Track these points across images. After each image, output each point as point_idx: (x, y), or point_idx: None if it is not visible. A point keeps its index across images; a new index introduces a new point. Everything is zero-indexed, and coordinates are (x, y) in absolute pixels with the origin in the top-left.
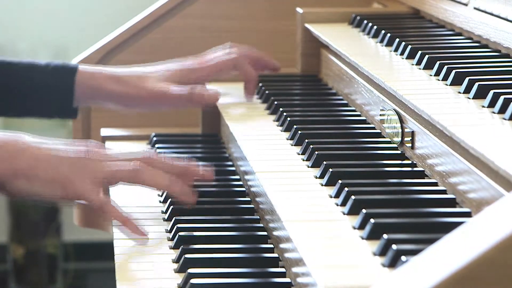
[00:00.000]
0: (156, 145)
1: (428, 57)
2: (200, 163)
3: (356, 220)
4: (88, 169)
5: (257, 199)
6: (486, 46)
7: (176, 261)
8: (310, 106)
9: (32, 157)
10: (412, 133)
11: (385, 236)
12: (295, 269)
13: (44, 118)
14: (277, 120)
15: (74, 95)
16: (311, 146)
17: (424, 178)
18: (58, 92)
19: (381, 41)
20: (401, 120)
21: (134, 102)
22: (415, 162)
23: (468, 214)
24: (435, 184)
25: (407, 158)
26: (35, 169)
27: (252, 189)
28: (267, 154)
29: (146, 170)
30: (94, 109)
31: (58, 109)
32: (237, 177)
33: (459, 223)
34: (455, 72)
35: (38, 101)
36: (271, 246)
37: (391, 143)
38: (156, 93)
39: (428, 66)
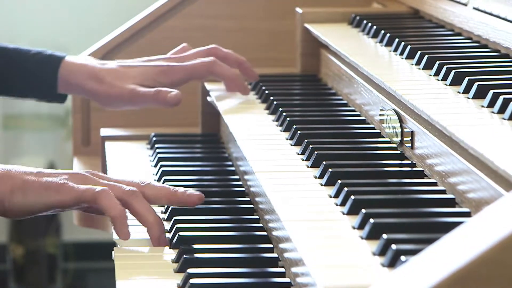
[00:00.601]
0: (156, 145)
1: (428, 57)
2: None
3: (356, 220)
4: (80, 177)
5: (257, 199)
6: (485, 46)
7: (176, 261)
8: (310, 106)
9: (25, 174)
10: (412, 133)
11: (384, 236)
12: (294, 269)
13: (35, 100)
14: (277, 120)
15: (57, 84)
16: (310, 146)
17: (423, 178)
18: (44, 80)
19: (381, 41)
20: (401, 120)
21: (106, 101)
22: (414, 162)
23: (467, 214)
24: (435, 184)
25: (406, 158)
26: (29, 182)
27: (251, 189)
28: (267, 154)
29: (137, 199)
30: (94, 109)
31: (45, 94)
32: (237, 177)
33: (459, 223)
34: (455, 72)
35: (27, 85)
36: (271, 246)
37: (391, 143)
38: (125, 93)
39: (428, 66)
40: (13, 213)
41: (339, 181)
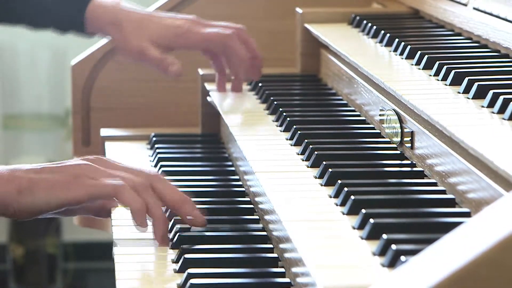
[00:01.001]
0: (156, 145)
1: (428, 57)
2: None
3: (356, 220)
4: (88, 169)
5: (257, 199)
6: (485, 46)
7: (176, 261)
8: (310, 106)
9: (31, 172)
10: (412, 133)
11: (384, 236)
12: (294, 269)
13: (59, 32)
14: (277, 120)
15: (85, 27)
16: (310, 146)
17: (423, 178)
18: (72, 22)
19: (381, 41)
20: (401, 120)
21: (119, 50)
22: (414, 162)
23: (467, 214)
24: (435, 184)
25: (406, 158)
26: (36, 180)
27: (251, 189)
28: (267, 154)
29: (148, 195)
30: (94, 109)
31: (75, 27)
32: (237, 177)
33: (459, 223)
34: (455, 72)
35: (53, 18)
36: (271, 246)
37: (391, 143)
38: (135, 51)
39: (428, 66)
40: (23, 215)
41: (339, 181)
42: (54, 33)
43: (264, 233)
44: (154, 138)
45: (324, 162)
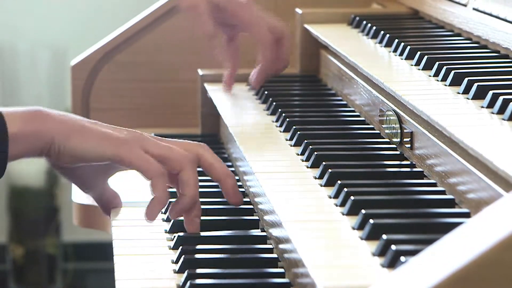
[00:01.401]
0: None
1: (427, 57)
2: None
3: (355, 220)
4: (139, 138)
5: (256, 199)
6: (485, 47)
7: (176, 261)
8: (309, 106)
9: (87, 121)
10: (411, 134)
11: (384, 236)
12: (294, 270)
13: None
14: (276, 120)
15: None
16: (310, 146)
17: (423, 179)
18: None
19: (380, 42)
20: (400, 121)
21: None
22: (414, 163)
23: (467, 215)
24: (434, 184)
25: (406, 159)
26: (89, 128)
27: (251, 189)
28: (266, 154)
29: (199, 159)
30: (93, 110)
31: None
32: (237, 177)
33: (458, 224)
34: (454, 72)
35: None
36: (270, 246)
37: (390, 144)
38: (190, 3)
39: (427, 67)
40: (66, 159)
41: (339, 182)
42: None
43: (264, 233)
44: None
45: (323, 163)
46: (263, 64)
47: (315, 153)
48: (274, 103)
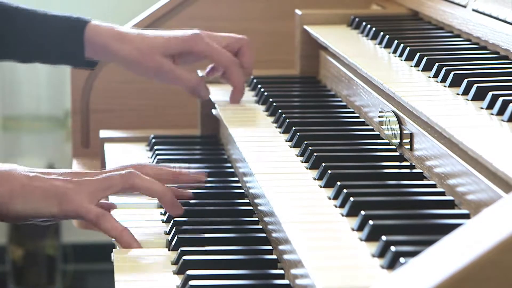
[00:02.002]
0: (155, 147)
1: (427, 58)
2: (192, 167)
3: (355, 221)
4: (83, 183)
5: (256, 200)
6: (484, 48)
7: (175, 262)
8: (309, 107)
9: (26, 178)
10: (411, 135)
11: (384, 237)
12: (294, 271)
13: (65, 65)
14: (276, 121)
15: (83, 48)
16: (309, 147)
17: (422, 180)
18: (71, 44)
19: (380, 43)
20: (400, 122)
21: (133, 66)
22: (413, 164)
23: (466, 216)
24: (434, 185)
25: (405, 160)
26: (29, 187)
27: (251, 190)
28: (266, 155)
29: (138, 175)
30: (93, 111)
31: (74, 60)
32: (236, 178)
33: (458, 225)
34: (454, 73)
35: (56, 50)
36: (270, 247)
37: (390, 145)
38: (153, 65)
39: (427, 68)
40: (11, 218)
41: (338, 183)
42: (46, 64)
43: (264, 234)
44: (153, 140)
45: (323, 164)
46: (237, 84)
47: (315, 154)
48: (274, 104)
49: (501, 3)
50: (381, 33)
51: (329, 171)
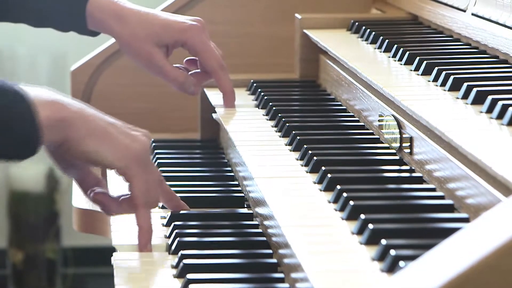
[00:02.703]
0: (155, 151)
1: (426, 63)
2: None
3: (355, 225)
4: (144, 162)
5: (256, 204)
6: (484, 52)
7: (175, 266)
8: (309, 111)
9: (107, 123)
10: (411, 139)
11: (383, 241)
12: (294, 275)
13: (65, 31)
14: (276, 125)
15: (86, 21)
16: (309, 151)
17: (422, 184)
18: (73, 16)
19: (380, 47)
20: (400, 126)
21: (125, 49)
22: (413, 168)
23: (466, 220)
24: (434, 189)
25: (405, 164)
26: (108, 131)
27: (250, 194)
28: (266, 159)
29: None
30: (93, 106)
31: (76, 29)
32: (236, 182)
33: (457, 229)
34: (453, 78)
35: (56, 17)
36: (270, 251)
37: (390, 149)
38: (145, 54)
39: (427, 72)
40: (72, 157)
41: (338, 187)
42: (56, 30)
43: (264, 238)
44: (153, 144)
45: (323, 168)
46: (227, 89)
47: (315, 158)
48: (274, 108)
49: (500, 8)
50: (381, 37)
51: (329, 175)
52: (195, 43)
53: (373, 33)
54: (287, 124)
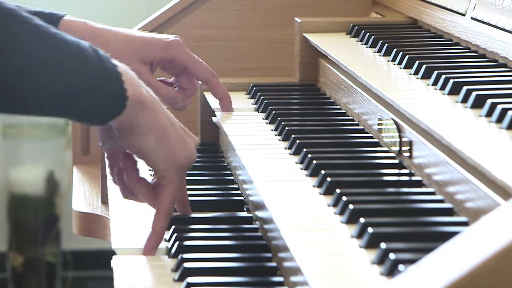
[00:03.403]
0: None
1: (426, 66)
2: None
3: (354, 229)
4: (186, 166)
5: (256, 208)
6: (483, 56)
7: (175, 270)
8: (308, 115)
9: (169, 122)
10: (410, 143)
11: (383, 245)
12: (293, 278)
13: None
14: (276, 129)
15: None
16: (309, 155)
17: (421, 187)
18: None
19: (379, 51)
20: (399, 130)
21: None
22: (413, 171)
23: (465, 224)
24: (433, 193)
25: (405, 167)
26: (168, 130)
27: (250, 198)
28: (266, 163)
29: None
30: None
31: None
32: (236, 186)
33: (457, 232)
34: (453, 81)
35: None
36: (270, 255)
37: (389, 152)
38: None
39: (426, 76)
40: (125, 145)
41: (338, 190)
42: None
43: (263, 242)
44: None
45: (322, 171)
46: (223, 95)
47: (314, 161)
48: (273, 112)
49: (499, 12)
50: (380, 41)
51: (329, 179)
52: (183, 57)
53: (373, 37)
54: (287, 128)
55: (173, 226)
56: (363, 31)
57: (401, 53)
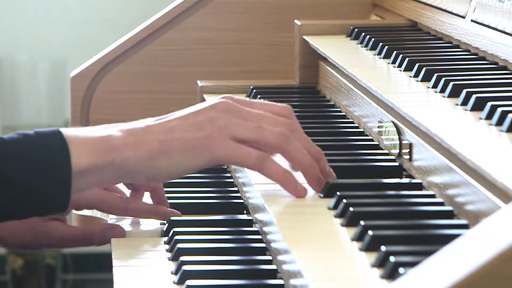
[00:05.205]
0: None
1: (426, 69)
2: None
3: (354, 231)
4: (224, 127)
5: (255, 210)
6: (483, 59)
7: (175, 272)
8: (308, 117)
9: (162, 132)
10: (410, 145)
11: (383, 248)
12: (293, 281)
13: None
14: None
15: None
16: None
17: (422, 190)
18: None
19: (379, 53)
20: (399, 132)
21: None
22: (413, 174)
23: (465, 226)
24: (433, 196)
25: (405, 170)
26: (169, 141)
27: (250, 200)
28: None
29: (292, 140)
30: (93, 121)
31: None
32: (236, 188)
33: (457, 235)
34: (453, 84)
35: None
36: (270, 258)
37: (389, 155)
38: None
39: (426, 78)
40: (159, 179)
41: (338, 193)
42: None
43: (263, 244)
44: None
45: None
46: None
47: None
48: None
49: (499, 14)
50: (380, 44)
51: (328, 181)
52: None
53: (373, 39)
54: None
55: (173, 229)
56: (363, 33)
57: (401, 55)
